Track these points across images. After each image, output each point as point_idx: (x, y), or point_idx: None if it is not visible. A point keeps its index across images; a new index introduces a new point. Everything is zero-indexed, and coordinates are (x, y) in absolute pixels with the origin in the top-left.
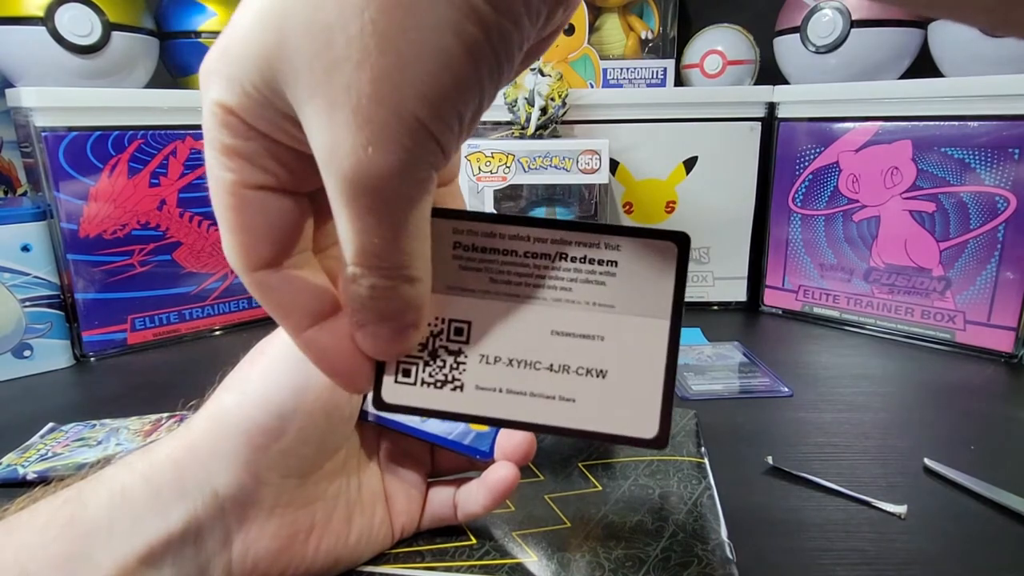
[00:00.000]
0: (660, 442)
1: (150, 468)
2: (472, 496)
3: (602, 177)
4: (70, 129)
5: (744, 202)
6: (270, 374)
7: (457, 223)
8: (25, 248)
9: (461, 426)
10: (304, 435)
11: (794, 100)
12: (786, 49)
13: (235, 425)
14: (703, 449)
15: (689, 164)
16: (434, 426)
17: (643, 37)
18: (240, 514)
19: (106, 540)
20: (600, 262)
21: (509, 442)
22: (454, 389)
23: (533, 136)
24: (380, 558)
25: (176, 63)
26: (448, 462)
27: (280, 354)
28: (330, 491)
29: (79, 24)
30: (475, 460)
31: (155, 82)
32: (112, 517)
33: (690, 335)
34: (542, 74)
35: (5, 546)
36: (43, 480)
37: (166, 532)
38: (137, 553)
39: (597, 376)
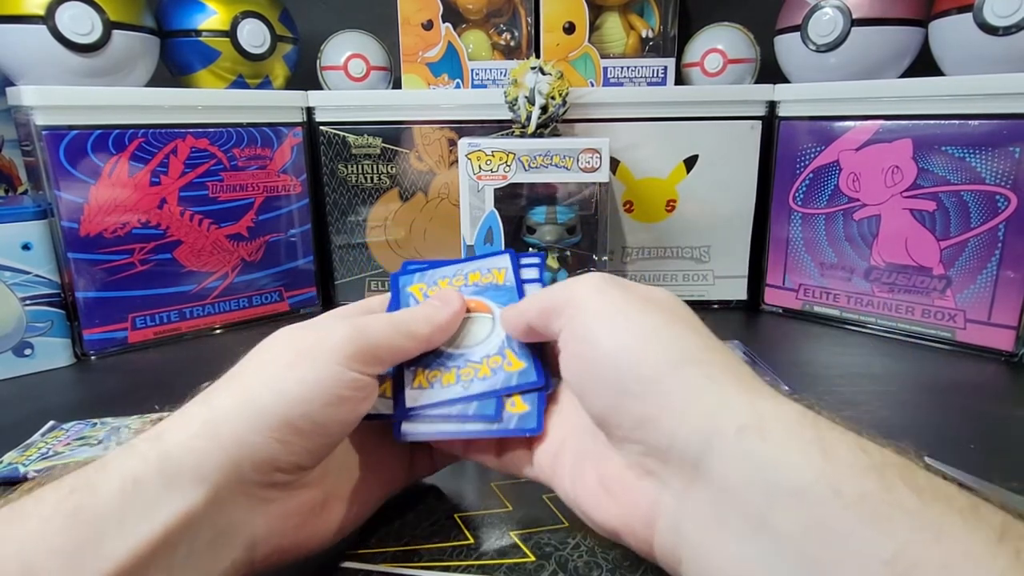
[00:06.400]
0: None
1: (165, 452)
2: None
3: (602, 176)
4: (70, 128)
5: (744, 201)
6: (307, 378)
7: None
8: (26, 247)
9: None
10: (327, 431)
11: (795, 99)
12: (787, 48)
13: (268, 423)
14: None
15: (689, 163)
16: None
17: (644, 36)
18: (262, 497)
19: (117, 528)
20: None
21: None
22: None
23: (534, 135)
24: (378, 556)
25: (177, 62)
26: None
27: (316, 359)
28: (333, 467)
29: (79, 23)
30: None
31: (156, 81)
32: (124, 504)
33: None
34: (543, 72)
35: (5, 538)
36: None
37: (183, 513)
38: (151, 537)
39: None
